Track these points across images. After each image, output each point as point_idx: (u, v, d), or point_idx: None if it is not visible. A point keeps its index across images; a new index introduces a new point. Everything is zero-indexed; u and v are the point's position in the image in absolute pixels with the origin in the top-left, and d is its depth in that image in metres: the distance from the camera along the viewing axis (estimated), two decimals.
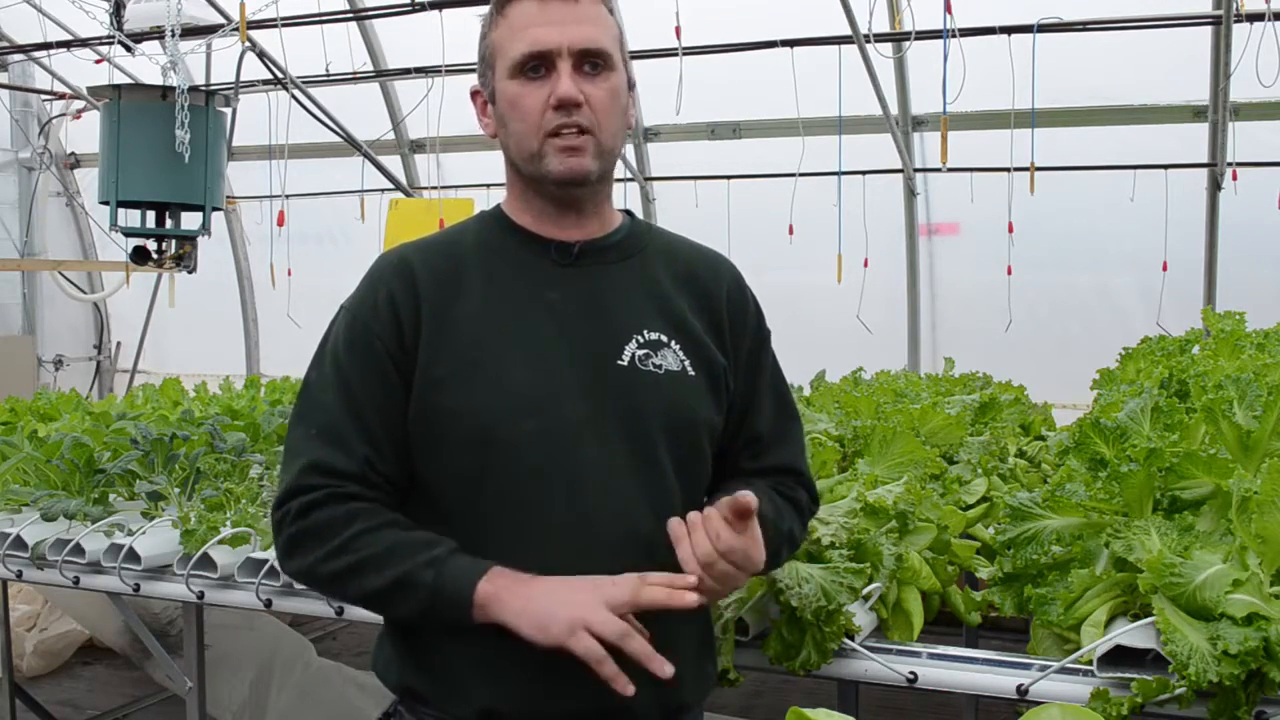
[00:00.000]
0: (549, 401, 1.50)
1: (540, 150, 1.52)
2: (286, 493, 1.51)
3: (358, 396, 1.51)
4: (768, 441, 1.69)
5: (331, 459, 1.49)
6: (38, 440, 3.23)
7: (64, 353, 8.53)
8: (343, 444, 1.50)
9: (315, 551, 1.48)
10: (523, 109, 1.51)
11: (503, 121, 1.56)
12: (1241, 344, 3.11)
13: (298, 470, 1.50)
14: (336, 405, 1.51)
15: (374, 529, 1.47)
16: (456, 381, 1.50)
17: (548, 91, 1.50)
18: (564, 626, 1.38)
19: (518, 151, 1.55)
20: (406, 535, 1.48)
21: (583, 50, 1.50)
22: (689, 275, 1.65)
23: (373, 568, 1.46)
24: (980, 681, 1.87)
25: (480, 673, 1.50)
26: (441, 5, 5.48)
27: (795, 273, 6.40)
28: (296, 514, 1.49)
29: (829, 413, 3.23)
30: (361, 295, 1.57)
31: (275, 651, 4.07)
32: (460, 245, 1.61)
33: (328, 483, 1.49)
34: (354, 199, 7.16)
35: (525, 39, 1.50)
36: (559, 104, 1.49)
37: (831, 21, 5.42)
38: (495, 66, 1.55)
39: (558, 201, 1.57)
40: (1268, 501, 1.78)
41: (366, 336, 1.52)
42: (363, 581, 1.47)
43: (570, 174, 1.52)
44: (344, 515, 1.48)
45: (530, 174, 1.55)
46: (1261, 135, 5.53)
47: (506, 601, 1.41)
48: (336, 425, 1.50)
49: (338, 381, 1.52)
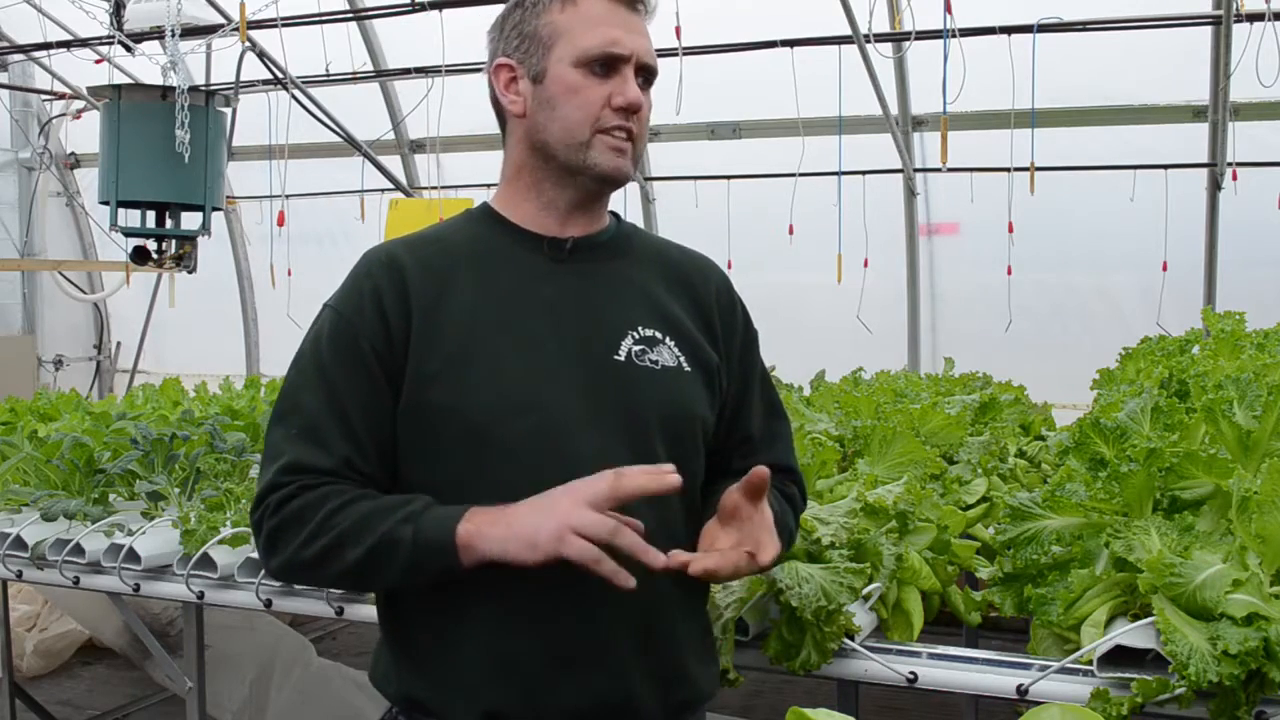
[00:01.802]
0: (545, 397, 1.50)
1: (590, 141, 1.53)
2: (262, 493, 1.50)
3: (341, 396, 1.49)
4: (759, 441, 1.70)
5: (310, 458, 1.48)
6: (38, 440, 3.23)
7: (64, 353, 8.53)
8: (323, 443, 1.48)
9: (293, 541, 1.46)
10: (584, 99, 1.52)
11: (550, 104, 1.54)
12: (1241, 344, 3.11)
13: (275, 470, 1.48)
14: (318, 405, 1.49)
15: (346, 504, 1.45)
16: (449, 378, 1.49)
17: (609, 90, 1.52)
18: (551, 536, 1.36)
19: (562, 135, 1.54)
20: (379, 501, 1.46)
21: (646, 64, 1.56)
22: (679, 276, 1.66)
23: (351, 540, 1.43)
24: (980, 681, 1.87)
25: (482, 675, 1.49)
26: (441, 5, 5.48)
27: (795, 273, 6.41)
28: (273, 510, 1.47)
29: (829, 413, 3.24)
30: (347, 293, 1.55)
31: (275, 651, 4.07)
32: (451, 241, 1.60)
33: (302, 478, 1.47)
34: (354, 199, 7.17)
35: (603, 35, 1.52)
36: (627, 106, 1.52)
37: (831, 21, 5.42)
38: (554, 48, 1.54)
39: (583, 194, 1.58)
40: (1268, 501, 1.78)
41: (351, 335, 1.51)
42: (344, 556, 1.44)
43: (616, 172, 1.55)
44: (315, 499, 1.46)
45: (568, 160, 1.55)
46: (1261, 135, 5.54)
47: (488, 533, 1.39)
48: (317, 425, 1.49)
49: (320, 381, 1.51)
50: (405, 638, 1.56)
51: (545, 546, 1.36)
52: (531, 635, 1.48)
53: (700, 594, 1.65)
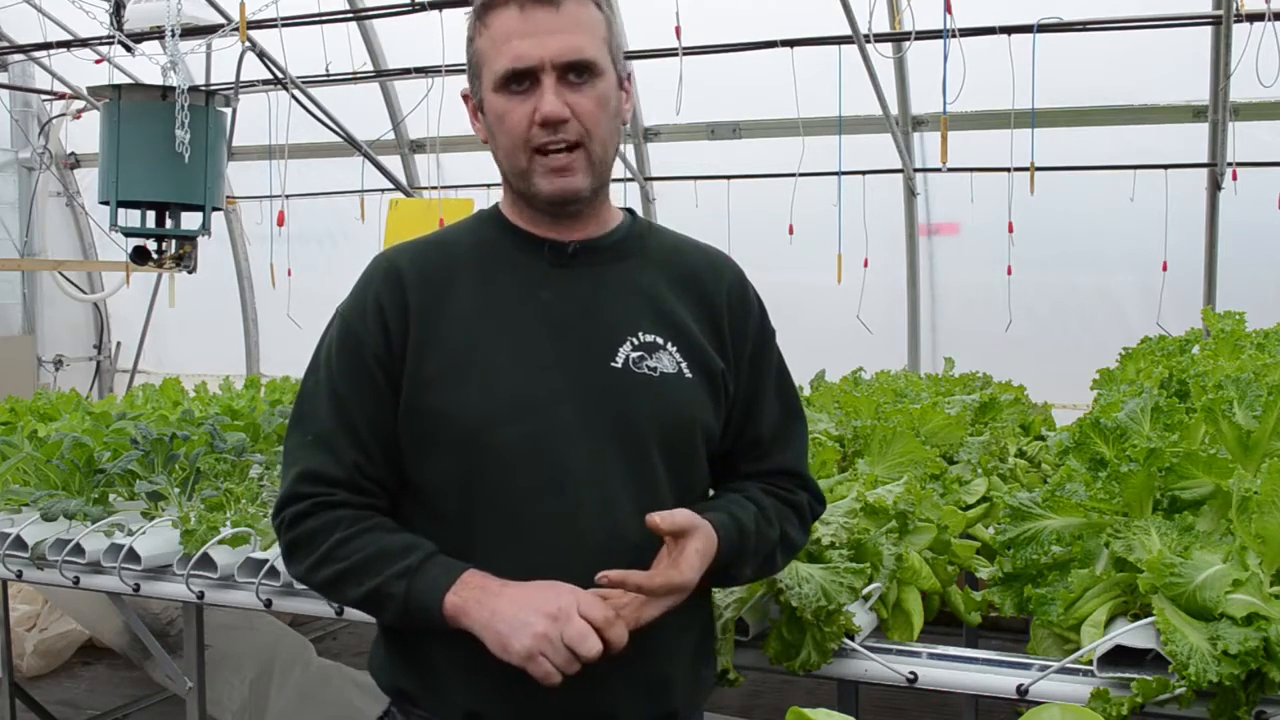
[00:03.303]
0: (538, 405, 1.49)
1: (529, 168, 1.50)
2: (281, 501, 1.56)
3: (347, 404, 1.53)
4: (769, 444, 1.67)
5: (322, 466, 1.52)
6: (38, 440, 3.23)
7: (64, 353, 8.52)
8: (333, 451, 1.53)
9: (304, 561, 1.53)
10: (508, 124, 1.49)
11: (493, 133, 1.54)
12: (1241, 344, 3.11)
13: (292, 478, 1.54)
14: (327, 413, 1.54)
15: (353, 537, 1.50)
16: (446, 383, 1.50)
17: (532, 106, 1.47)
18: (521, 651, 1.38)
19: (508, 166, 1.54)
20: (384, 543, 1.49)
21: (566, 63, 1.46)
22: (689, 276, 1.62)
23: (352, 579, 1.49)
24: (980, 681, 1.87)
25: (464, 675, 1.50)
26: (441, 5, 5.48)
27: (795, 273, 6.40)
28: (288, 524, 1.54)
29: (829, 413, 3.24)
30: (352, 301, 1.58)
31: (275, 651, 4.07)
32: (454, 245, 1.60)
33: (315, 491, 1.52)
34: (354, 199, 7.16)
35: (507, 53, 1.47)
36: (544, 121, 1.46)
37: (831, 21, 5.42)
38: (481, 76, 1.52)
39: (550, 214, 1.57)
40: (1268, 501, 1.78)
41: (355, 343, 1.54)
42: (345, 591, 1.51)
43: (560, 194, 1.51)
44: (326, 525, 1.51)
45: (518, 188, 1.55)
46: (1261, 135, 5.53)
47: (472, 613, 1.42)
48: (327, 432, 1.53)
49: (329, 389, 1.55)
50: (396, 632, 1.59)
51: (514, 656, 1.39)
52: None
53: (698, 599, 1.59)
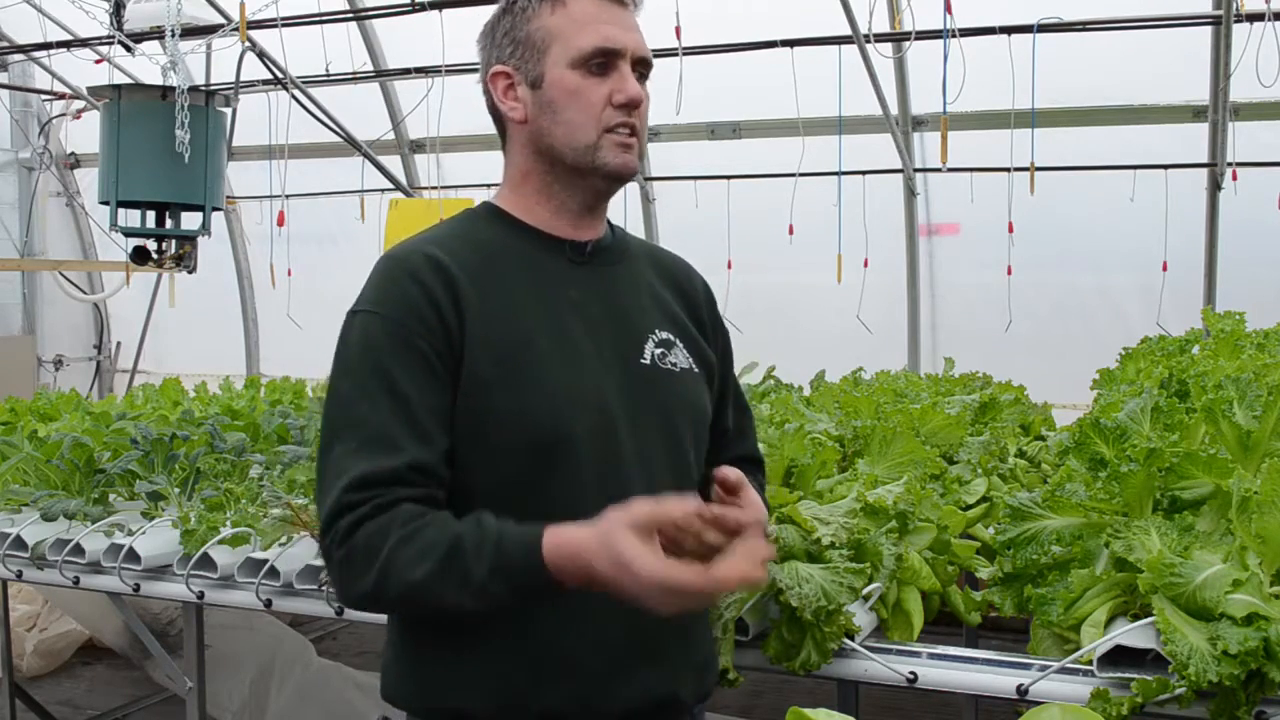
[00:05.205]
0: (594, 401, 1.51)
1: (598, 142, 1.53)
2: (331, 514, 1.41)
3: (406, 397, 1.43)
4: (734, 434, 1.77)
5: (375, 468, 1.40)
6: (38, 440, 3.23)
7: (64, 353, 8.52)
8: (390, 448, 1.41)
9: (367, 575, 1.38)
10: (585, 100, 1.52)
11: (551, 108, 1.53)
12: (1241, 344, 3.11)
13: (341, 489, 1.40)
14: (381, 412, 1.42)
15: (413, 534, 1.37)
16: (505, 384, 1.47)
17: (609, 89, 1.53)
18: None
19: (567, 139, 1.54)
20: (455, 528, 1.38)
21: (642, 57, 1.56)
22: (671, 278, 1.70)
23: (438, 582, 1.36)
24: (980, 681, 1.87)
25: (538, 676, 1.49)
26: (441, 5, 5.48)
27: (795, 273, 6.40)
28: (344, 534, 1.39)
29: (829, 413, 3.23)
30: (389, 294, 1.48)
31: (275, 651, 4.08)
32: (479, 242, 1.56)
33: (374, 495, 1.39)
34: (354, 199, 7.16)
35: (595, 34, 1.52)
36: (628, 103, 1.53)
37: (831, 21, 5.42)
38: (549, 52, 1.53)
39: (593, 194, 1.59)
40: (1268, 501, 1.78)
41: (406, 335, 1.44)
42: (431, 598, 1.38)
43: (625, 169, 1.56)
44: (383, 525, 1.38)
45: (577, 163, 1.55)
46: (1261, 135, 5.53)
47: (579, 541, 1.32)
48: (381, 433, 1.42)
49: (380, 386, 1.43)
50: (438, 644, 1.51)
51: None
52: (589, 635, 1.48)
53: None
